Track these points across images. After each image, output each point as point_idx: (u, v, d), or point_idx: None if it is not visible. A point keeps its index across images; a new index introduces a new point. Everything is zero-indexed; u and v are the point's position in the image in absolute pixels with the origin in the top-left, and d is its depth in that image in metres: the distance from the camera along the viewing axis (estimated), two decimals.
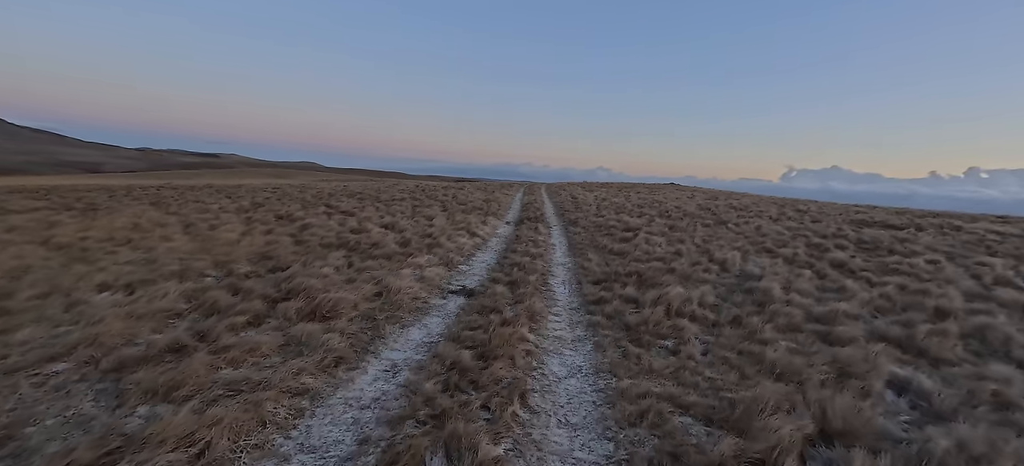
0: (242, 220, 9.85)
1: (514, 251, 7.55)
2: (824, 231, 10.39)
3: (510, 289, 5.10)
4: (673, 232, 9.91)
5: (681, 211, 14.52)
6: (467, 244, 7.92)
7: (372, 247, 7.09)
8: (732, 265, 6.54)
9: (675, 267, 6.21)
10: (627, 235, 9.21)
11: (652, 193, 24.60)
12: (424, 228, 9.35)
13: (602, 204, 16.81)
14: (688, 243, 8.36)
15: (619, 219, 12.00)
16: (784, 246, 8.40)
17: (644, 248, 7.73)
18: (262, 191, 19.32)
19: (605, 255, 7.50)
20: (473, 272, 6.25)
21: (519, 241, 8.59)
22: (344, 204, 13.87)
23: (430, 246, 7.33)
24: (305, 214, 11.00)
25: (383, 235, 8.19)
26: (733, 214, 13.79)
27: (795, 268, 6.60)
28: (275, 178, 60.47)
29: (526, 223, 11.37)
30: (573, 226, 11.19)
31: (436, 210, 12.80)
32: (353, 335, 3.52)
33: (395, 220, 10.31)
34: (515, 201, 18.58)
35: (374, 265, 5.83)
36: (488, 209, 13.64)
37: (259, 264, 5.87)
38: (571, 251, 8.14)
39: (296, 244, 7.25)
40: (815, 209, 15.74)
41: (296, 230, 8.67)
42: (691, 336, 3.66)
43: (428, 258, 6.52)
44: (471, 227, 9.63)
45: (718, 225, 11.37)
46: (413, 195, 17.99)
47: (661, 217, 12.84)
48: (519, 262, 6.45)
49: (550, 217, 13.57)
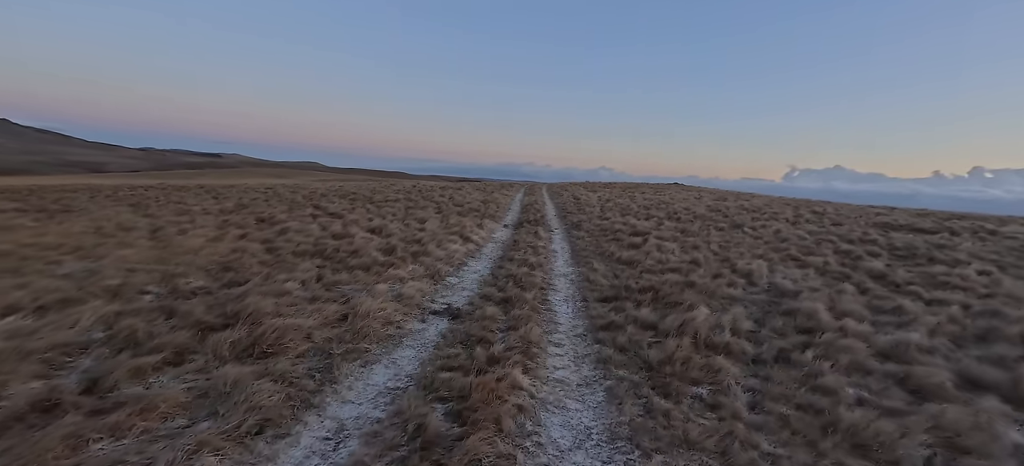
0: (218, 224, 9.08)
1: (511, 259, 6.75)
2: (849, 235, 9.55)
3: (503, 309, 4.30)
4: (686, 237, 9.08)
5: (691, 213, 13.68)
6: (459, 251, 7.12)
7: (351, 255, 6.30)
8: (759, 277, 5.72)
9: (694, 280, 5.39)
10: (635, 240, 8.39)
11: (657, 193, 23.74)
12: (414, 233, 8.57)
13: (606, 205, 15.98)
14: (704, 250, 7.54)
15: (625, 222, 11.18)
16: (811, 254, 7.56)
17: (656, 256, 6.91)
18: (253, 192, 18.58)
19: (612, 264, 6.69)
20: (463, 285, 5.44)
21: (517, 247, 7.79)
22: (334, 205, 13.10)
23: (417, 254, 6.53)
24: (288, 217, 10.23)
25: (367, 241, 7.41)
26: (747, 216, 12.94)
27: (831, 281, 5.78)
28: (275, 178, 59.93)
29: (525, 226, 10.57)
30: (576, 230, 10.37)
31: (430, 212, 12.01)
32: (295, 381, 2.73)
33: (384, 223, 9.52)
34: (515, 202, 17.77)
35: (347, 279, 5.03)
36: (485, 211, 12.84)
37: (215, 277, 5.09)
38: (574, 259, 7.33)
39: (267, 252, 6.47)
40: (832, 211, 14.87)
41: (273, 235, 7.89)
42: (731, 380, 2.85)
43: (412, 268, 5.73)
44: (465, 231, 8.83)
45: (733, 229, 10.53)
46: (408, 196, 17.21)
47: (670, 220, 12.00)
48: (515, 273, 5.64)
49: (551, 220, 12.76)
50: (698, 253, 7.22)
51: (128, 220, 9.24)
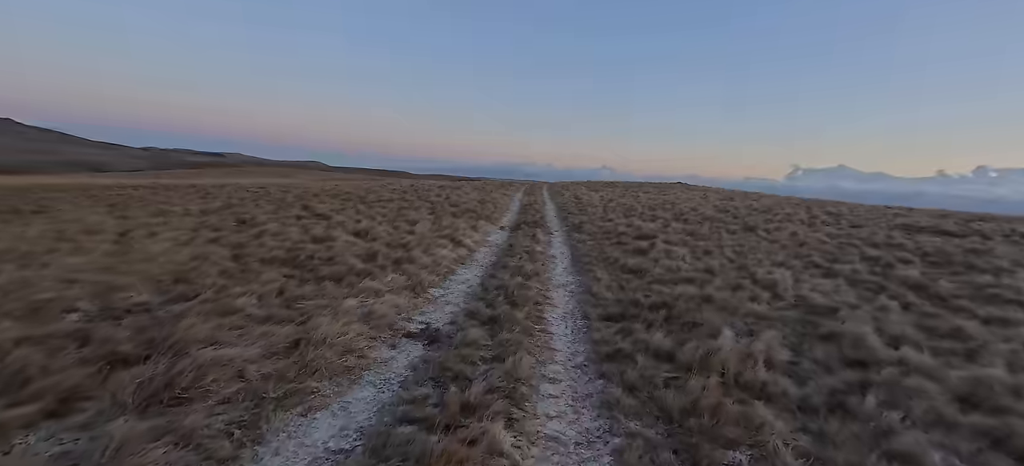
0: (193, 226, 8.46)
1: (505, 267, 6.09)
2: (872, 239, 8.83)
3: (490, 331, 3.64)
4: (696, 241, 8.39)
5: (698, 214, 12.97)
6: (448, 258, 6.46)
7: (326, 263, 5.66)
8: (784, 289, 5.03)
9: (711, 294, 4.71)
10: (642, 245, 7.71)
11: (662, 193, 23.01)
12: (401, 236, 7.92)
13: (609, 206, 15.30)
14: (718, 256, 6.85)
15: (630, 223, 10.50)
16: (836, 260, 6.86)
17: (666, 264, 6.23)
18: (245, 191, 17.98)
19: (618, 272, 6.01)
20: (447, 299, 4.79)
21: (513, 253, 7.13)
22: (324, 206, 12.47)
23: (400, 261, 5.88)
24: (271, 218, 9.60)
25: (348, 246, 6.76)
26: (759, 217, 12.22)
27: (865, 292, 5.09)
28: (274, 177, 59.48)
29: (523, 229, 9.91)
30: (577, 232, 9.70)
31: (423, 213, 11.37)
32: (205, 442, 2.08)
33: (371, 225, 8.88)
34: (514, 202, 17.10)
35: (313, 293, 4.38)
36: (482, 212, 12.18)
37: (163, 290, 4.46)
38: (575, 266, 6.66)
39: (233, 259, 5.83)
40: (848, 211, 14.12)
41: (248, 238, 7.26)
42: (777, 441, 2.18)
43: (392, 278, 5.08)
44: (457, 234, 8.17)
45: (746, 232, 9.83)
46: (403, 196, 16.57)
47: (677, 221, 11.31)
48: (508, 285, 4.98)
49: (551, 221, 12.09)
50: (712, 260, 6.54)
51: (97, 222, 8.62)
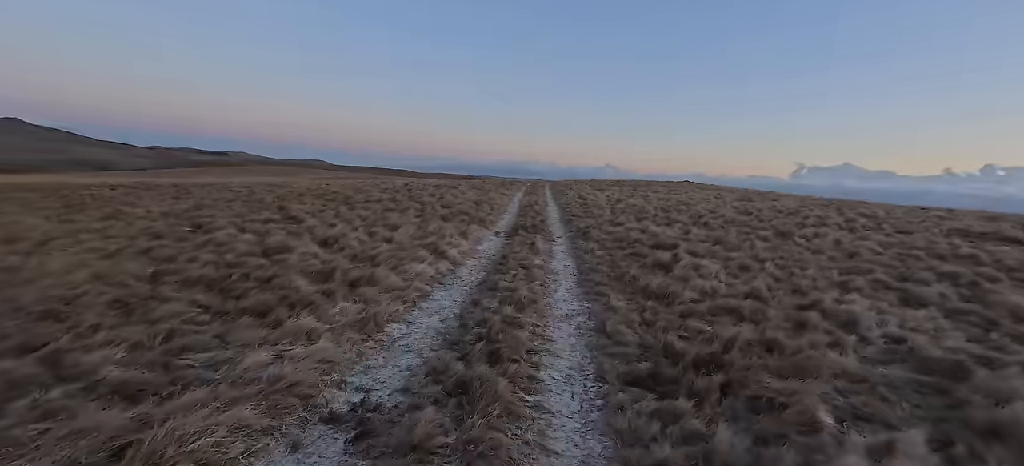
0: (135, 233, 7.26)
1: (493, 289, 4.81)
2: (935, 249, 7.46)
3: (456, 410, 2.37)
4: (726, 250, 7.06)
5: (719, 216, 11.61)
6: (424, 275, 5.19)
7: (262, 286, 4.39)
8: (868, 328, 3.71)
9: (774, 337, 3.41)
10: (662, 257, 6.39)
11: (672, 192, 21.61)
12: (376, 245, 6.67)
13: (617, 207, 13.96)
14: (760, 274, 5.51)
15: (644, 229, 9.17)
16: (906, 279, 5.51)
17: (698, 285, 4.90)
18: (229, 191, 16.82)
19: (637, 297, 4.71)
20: (408, 342, 3.51)
21: (505, 267, 5.85)
22: (303, 207, 11.24)
23: (359, 283, 4.61)
24: (233, 222, 8.37)
25: (303, 260, 5.51)
26: (788, 221, 10.84)
27: (970, 328, 3.77)
28: (272, 176, 58.58)
29: (521, 234, 8.62)
30: (583, 239, 8.39)
31: (409, 216, 10.11)
32: None
33: (343, 232, 7.62)
34: (513, 203, 15.77)
35: (214, 339, 3.12)
36: (476, 214, 10.89)
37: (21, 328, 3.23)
38: (582, 286, 5.36)
39: (149, 280, 4.57)
40: (884, 214, 12.69)
41: (191, 248, 6.05)
42: None
43: (341, 309, 3.82)
44: (442, 243, 6.90)
45: (780, 238, 8.47)
46: (394, 196, 15.32)
47: (697, 226, 9.96)
48: (492, 321, 3.70)
49: (553, 224, 10.77)
50: (755, 279, 5.20)
51: (27, 227, 7.45)
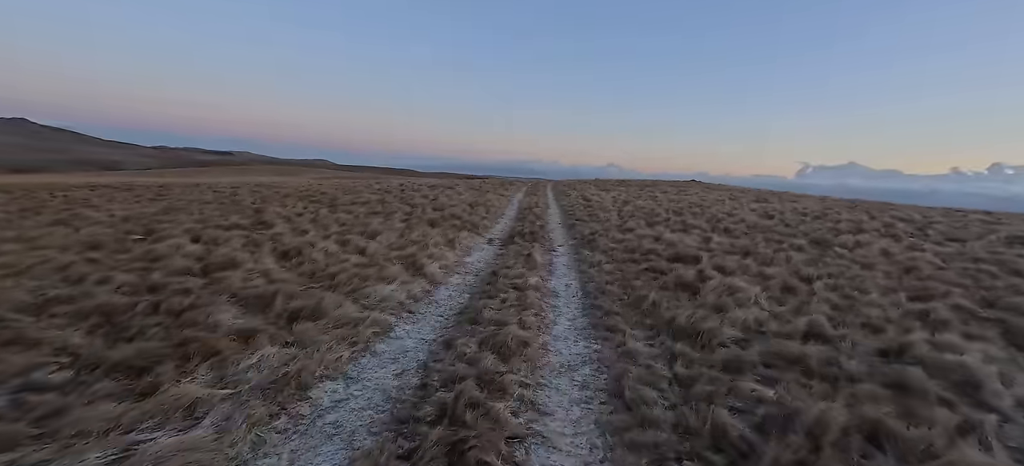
0: (65, 244, 6.28)
1: (474, 322, 3.75)
2: (1005, 261, 6.31)
3: None
4: (759, 264, 5.93)
5: (739, 221, 10.47)
6: (389, 302, 4.14)
7: (169, 322, 3.37)
8: (994, 393, 2.62)
9: (871, 413, 2.33)
10: (685, 274, 5.29)
11: (682, 193, 20.43)
12: (346, 256, 5.64)
13: (624, 210, 12.84)
14: (814, 301, 4.39)
15: (658, 237, 8.06)
16: (992, 304, 4.39)
17: (739, 317, 3.80)
18: (214, 191, 15.87)
19: (664, 337, 3.63)
20: (336, 420, 2.44)
21: (494, 289, 4.78)
22: (281, 210, 10.25)
23: (300, 316, 3.58)
24: (195, 228, 7.35)
25: (247, 281, 4.48)
26: (818, 227, 9.69)
27: None
28: (273, 175, 57.89)
29: (517, 242, 7.54)
30: (588, 248, 7.30)
31: (394, 221, 9.07)
32: None
33: (313, 240, 6.59)
34: (511, 205, 14.67)
35: (28, 428, 2.10)
36: (468, 218, 9.83)
37: None
38: (588, 316, 4.27)
39: (35, 310, 3.56)
40: (920, 217, 11.48)
41: (112, 264, 5.04)
42: None
43: (259, 358, 2.79)
44: (423, 255, 5.85)
45: (816, 247, 7.34)
46: (384, 197, 14.30)
47: (718, 232, 8.83)
48: (463, 383, 2.64)
49: (554, 230, 9.68)
50: (807, 306, 4.10)
51: None
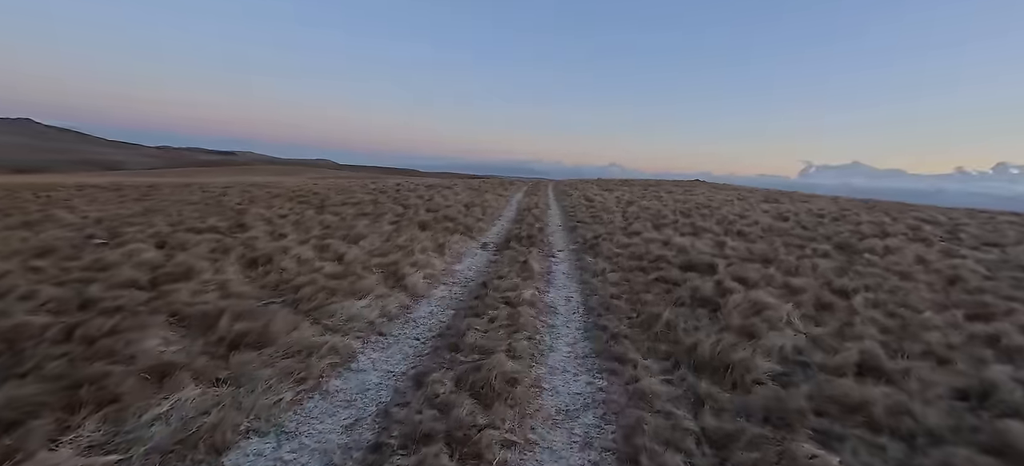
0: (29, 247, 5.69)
1: (455, 349, 3.13)
2: None
3: None
4: (783, 274, 5.27)
5: (753, 223, 9.80)
6: (359, 321, 3.52)
7: (80, 351, 2.76)
8: None
9: None
10: (702, 286, 4.64)
11: (688, 193, 19.74)
12: (320, 265, 5.03)
13: (629, 211, 12.18)
14: (858, 321, 3.74)
15: (666, 241, 7.41)
16: None
17: (773, 344, 3.15)
18: (202, 192, 15.34)
19: (681, 367, 2.99)
20: None
21: (482, 305, 4.15)
22: (269, 211, 9.65)
23: (242, 343, 2.96)
24: (157, 235, 6.77)
25: (197, 295, 3.88)
26: (839, 229, 9.01)
27: None
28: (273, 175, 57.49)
29: (513, 247, 6.91)
30: (591, 254, 6.66)
31: (383, 223, 8.45)
32: None
33: (289, 245, 5.98)
34: (510, 205, 14.03)
35: None
36: (463, 220, 9.20)
37: None
38: (591, 339, 3.63)
39: None
40: (946, 219, 10.78)
41: (68, 269, 4.45)
42: None
43: (172, 404, 2.18)
44: (406, 263, 5.23)
45: (842, 253, 6.68)
46: (377, 197, 13.69)
47: (731, 236, 8.17)
48: (431, 432, 2.02)
49: (553, 233, 9.04)
50: (850, 329, 3.45)
51: None
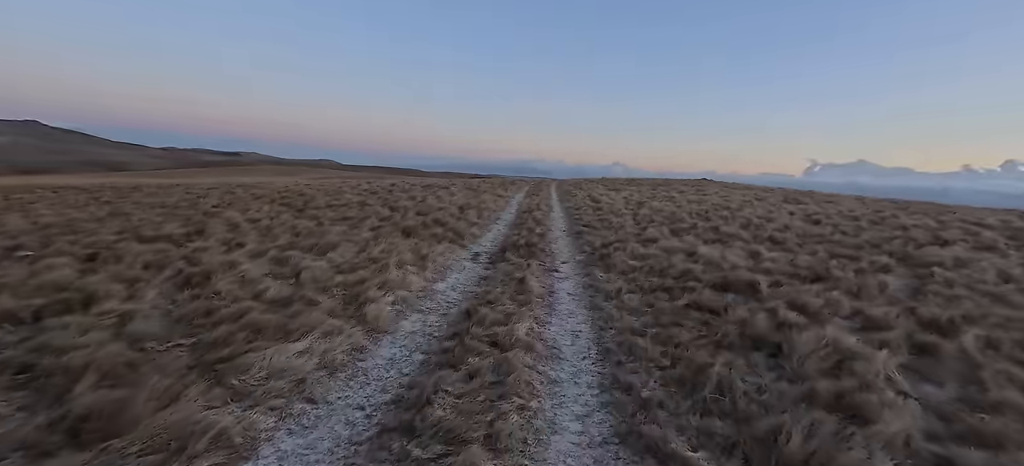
0: None
1: (410, 433, 2.09)
2: None
3: None
4: (850, 298, 4.17)
5: (783, 228, 8.65)
6: (284, 380, 2.49)
7: None
8: None
9: None
10: (755, 322, 3.56)
11: (701, 193, 18.54)
12: (267, 287, 4.01)
13: (640, 213, 11.06)
14: (985, 376, 2.66)
15: (690, 249, 6.31)
16: None
17: (894, 432, 2.10)
18: (188, 193, 14.41)
19: None
20: None
21: (464, 345, 3.10)
22: (241, 215, 8.68)
23: (82, 431, 1.95)
24: (92, 246, 5.79)
25: (85, 331, 2.87)
26: (887, 237, 7.85)
27: None
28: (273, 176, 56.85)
29: (509, 259, 5.84)
30: (602, 267, 5.57)
31: (363, 229, 7.42)
32: None
33: (236, 259, 4.97)
34: (509, 207, 12.92)
35: None
36: (454, 225, 8.13)
37: None
38: (613, 413, 2.56)
39: None
40: (1000, 224, 9.56)
41: None
42: None
43: None
44: (373, 284, 4.19)
45: (904, 266, 5.55)
46: (366, 199, 12.68)
47: (763, 243, 7.04)
48: None
49: (556, 240, 7.95)
50: (988, 399, 2.37)
51: None
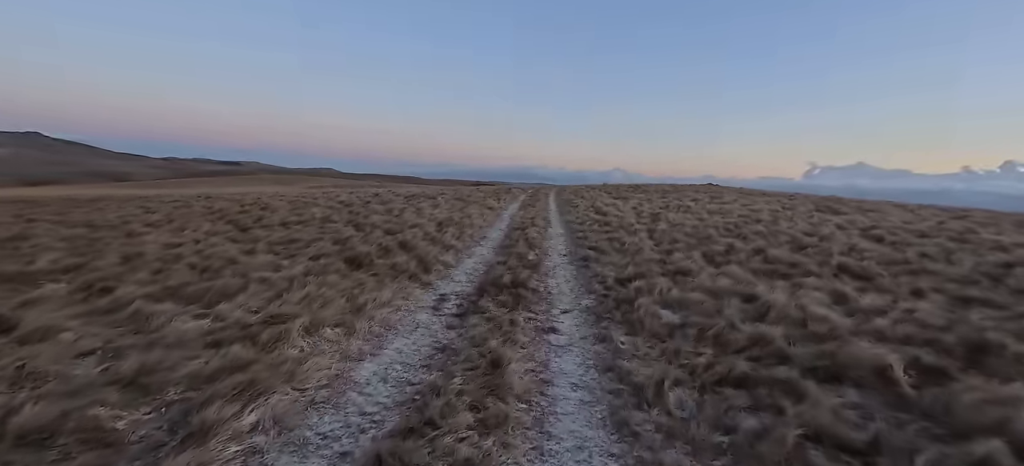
0: None
1: None
2: None
3: None
4: None
5: (850, 249, 6.81)
6: None
7: None
8: None
9: None
10: None
11: (717, 201, 16.70)
12: (21, 403, 2.24)
13: (657, 228, 9.23)
14: None
15: (748, 291, 4.47)
16: None
17: None
18: (161, 203, 12.70)
19: None
20: None
21: None
22: (156, 241, 6.94)
23: None
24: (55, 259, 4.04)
25: None
26: (994, 262, 6.00)
27: None
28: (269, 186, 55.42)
29: (487, 305, 4.03)
30: (622, 321, 3.77)
31: (298, 261, 5.64)
32: None
33: (59, 326, 3.21)
34: (500, 221, 11.04)
35: None
36: (426, 251, 6.30)
37: None
38: None
39: None
40: None
41: None
42: None
43: None
44: (228, 398, 2.43)
45: (999, 287, 3.72)
46: (329, 216, 10.92)
47: (840, 277, 5.22)
48: None
49: (555, 269, 6.06)
50: None
51: None
